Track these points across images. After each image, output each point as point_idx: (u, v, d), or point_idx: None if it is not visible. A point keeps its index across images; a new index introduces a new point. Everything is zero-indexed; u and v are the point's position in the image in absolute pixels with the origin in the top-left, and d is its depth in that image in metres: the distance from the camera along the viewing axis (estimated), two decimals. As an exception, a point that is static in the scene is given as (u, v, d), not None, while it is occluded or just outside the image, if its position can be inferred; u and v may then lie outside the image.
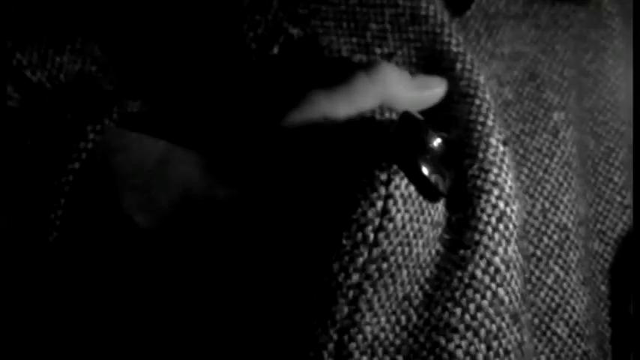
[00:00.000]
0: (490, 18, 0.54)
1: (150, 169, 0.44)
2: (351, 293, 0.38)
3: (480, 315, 0.40)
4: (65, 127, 0.46)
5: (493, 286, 0.41)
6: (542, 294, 0.48)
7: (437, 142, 0.40)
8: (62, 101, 0.48)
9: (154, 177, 0.43)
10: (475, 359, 0.39)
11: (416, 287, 0.40)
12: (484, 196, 0.42)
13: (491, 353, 0.39)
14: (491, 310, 0.40)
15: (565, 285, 0.49)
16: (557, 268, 0.49)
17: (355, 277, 0.38)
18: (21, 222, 0.45)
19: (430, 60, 0.47)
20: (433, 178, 0.40)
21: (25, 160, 0.46)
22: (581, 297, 0.49)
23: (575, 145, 0.53)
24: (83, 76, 0.51)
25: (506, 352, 0.40)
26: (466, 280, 0.40)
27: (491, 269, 0.41)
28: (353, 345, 0.38)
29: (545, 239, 0.50)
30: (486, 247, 0.41)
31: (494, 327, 0.40)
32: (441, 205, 0.41)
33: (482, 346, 0.39)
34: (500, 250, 0.41)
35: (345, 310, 0.38)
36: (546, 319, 0.48)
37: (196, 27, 0.49)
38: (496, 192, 0.42)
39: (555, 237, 0.50)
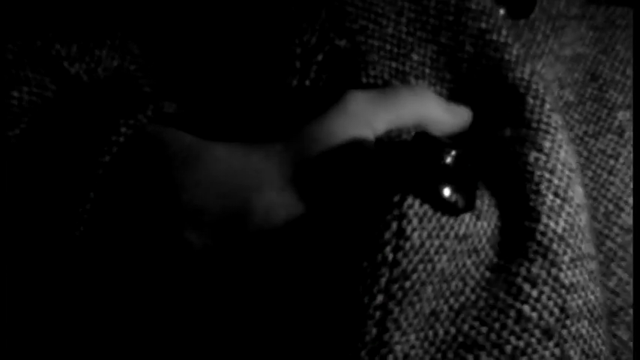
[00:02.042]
0: (554, 19, 0.54)
1: (176, 165, 0.43)
2: (377, 314, 0.38)
3: (504, 333, 0.40)
4: (98, 121, 0.45)
5: (517, 304, 0.41)
6: (604, 297, 0.47)
7: (452, 157, 0.41)
8: (98, 95, 0.48)
9: (186, 178, 0.42)
10: None
11: (441, 301, 0.40)
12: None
13: None
14: (516, 328, 0.40)
15: (628, 288, 0.48)
16: (620, 271, 0.48)
17: (380, 298, 0.38)
18: (47, 215, 0.44)
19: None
20: (448, 193, 0.40)
21: (56, 151, 0.45)
22: None
23: None
24: (121, 74, 0.51)
25: None
26: (491, 302, 0.41)
27: (514, 289, 0.41)
28: None
29: (609, 242, 0.49)
30: (508, 269, 0.42)
31: (521, 343, 0.40)
32: (468, 218, 0.41)
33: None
34: (523, 270, 0.42)
35: (374, 331, 0.38)
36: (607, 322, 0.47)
37: (240, 31, 0.50)
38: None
39: (619, 239, 0.49)
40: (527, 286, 0.41)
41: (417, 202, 0.39)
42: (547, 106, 0.46)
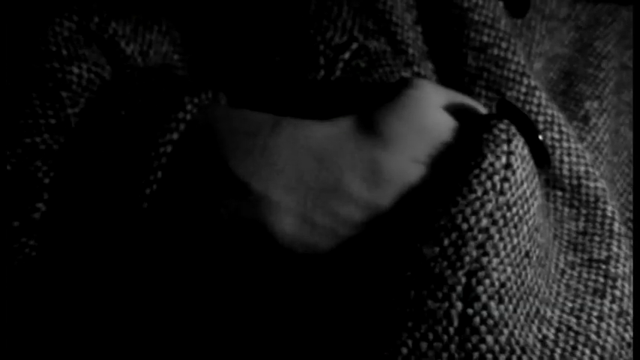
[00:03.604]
0: (547, 20, 0.57)
1: (266, 133, 0.43)
2: (480, 237, 0.40)
3: (560, 298, 0.45)
4: (161, 99, 0.44)
5: (564, 281, 0.46)
6: None
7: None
8: (154, 77, 0.47)
9: (279, 143, 0.42)
10: (569, 326, 0.43)
11: (533, 247, 0.43)
12: None
13: (583, 321, 0.44)
14: (569, 295, 0.45)
15: None
16: None
17: (484, 222, 0.40)
18: (111, 195, 0.43)
19: None
20: (542, 139, 0.44)
21: (119, 130, 0.44)
22: None
23: (608, 132, 0.56)
24: (167, 64, 0.51)
25: (601, 319, 0.44)
26: (546, 269, 0.45)
27: (559, 271, 0.46)
28: (481, 288, 0.40)
29: None
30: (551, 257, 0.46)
31: (576, 304, 0.45)
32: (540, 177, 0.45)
33: (572, 317, 0.44)
34: (561, 258, 0.47)
35: (474, 253, 0.40)
36: None
37: (268, 29, 0.50)
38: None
39: None
40: (567, 269, 0.46)
41: (520, 144, 0.42)
42: (540, 126, 0.50)
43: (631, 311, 0.45)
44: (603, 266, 0.47)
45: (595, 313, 0.44)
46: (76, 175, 0.45)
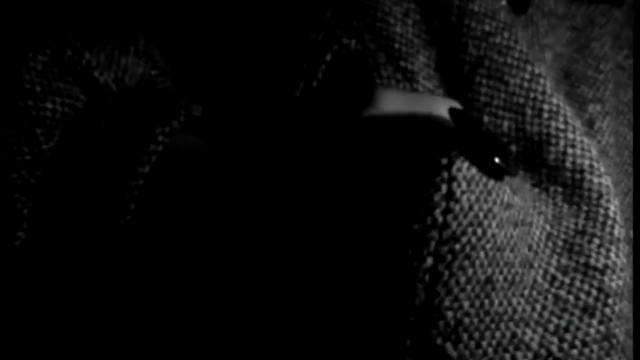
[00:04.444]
0: (547, 17, 0.56)
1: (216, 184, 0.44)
2: (427, 277, 0.38)
3: (545, 313, 0.42)
4: (133, 130, 0.45)
5: (553, 290, 0.43)
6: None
7: (486, 129, 0.42)
8: (128, 104, 0.48)
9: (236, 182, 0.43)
10: (549, 350, 0.41)
11: (497, 270, 0.40)
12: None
13: (566, 345, 0.41)
14: (555, 309, 0.42)
15: None
16: None
17: (429, 261, 0.38)
18: (85, 227, 0.45)
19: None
20: (493, 157, 0.41)
21: (93, 164, 0.45)
22: None
23: (612, 134, 0.55)
24: (145, 81, 0.51)
25: (585, 344, 0.41)
26: (530, 282, 0.42)
27: (548, 277, 0.44)
28: (434, 332, 0.38)
29: None
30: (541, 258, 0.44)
31: (562, 322, 0.42)
32: (508, 189, 0.42)
33: (555, 339, 0.41)
34: (553, 261, 0.45)
35: (423, 295, 0.38)
36: None
37: (246, 33, 0.51)
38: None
39: None
40: (559, 275, 0.44)
41: (465, 166, 0.39)
42: (545, 115, 0.48)
43: (617, 331, 0.43)
44: (599, 276, 0.44)
45: (580, 336, 0.42)
46: (54, 205, 0.46)
